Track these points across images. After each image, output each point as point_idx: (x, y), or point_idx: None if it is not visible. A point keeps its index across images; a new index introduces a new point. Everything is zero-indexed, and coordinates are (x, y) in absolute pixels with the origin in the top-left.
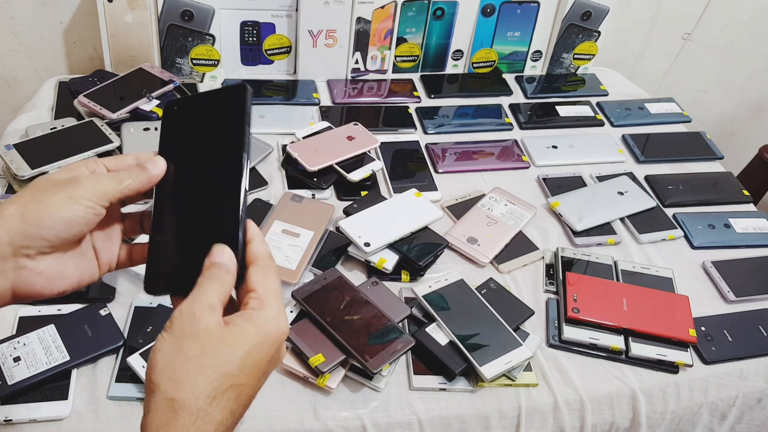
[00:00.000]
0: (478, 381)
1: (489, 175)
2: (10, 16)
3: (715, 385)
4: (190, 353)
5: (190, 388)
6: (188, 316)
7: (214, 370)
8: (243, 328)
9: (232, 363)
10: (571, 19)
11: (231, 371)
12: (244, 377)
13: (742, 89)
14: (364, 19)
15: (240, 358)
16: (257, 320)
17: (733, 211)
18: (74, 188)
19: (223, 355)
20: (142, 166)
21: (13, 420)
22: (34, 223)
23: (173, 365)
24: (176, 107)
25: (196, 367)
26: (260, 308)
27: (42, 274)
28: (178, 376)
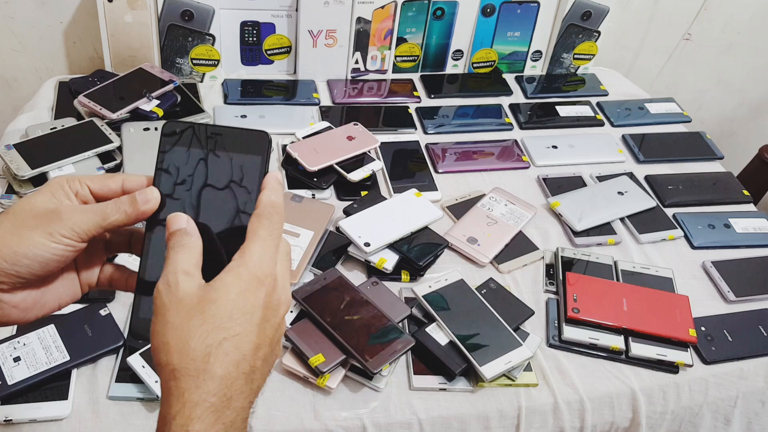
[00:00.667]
0: (478, 381)
1: (489, 175)
2: (10, 15)
3: (715, 385)
4: (176, 322)
5: (186, 352)
6: (164, 289)
7: (202, 329)
8: (222, 280)
9: (218, 316)
10: (571, 19)
11: (221, 325)
12: (237, 326)
13: (742, 89)
14: (364, 19)
15: (226, 310)
16: (237, 268)
17: (733, 211)
18: (54, 224)
19: (208, 312)
20: (132, 199)
21: (13, 420)
22: (9, 260)
23: (166, 339)
24: (177, 130)
25: (185, 332)
26: (240, 256)
27: (18, 306)
28: (172, 348)
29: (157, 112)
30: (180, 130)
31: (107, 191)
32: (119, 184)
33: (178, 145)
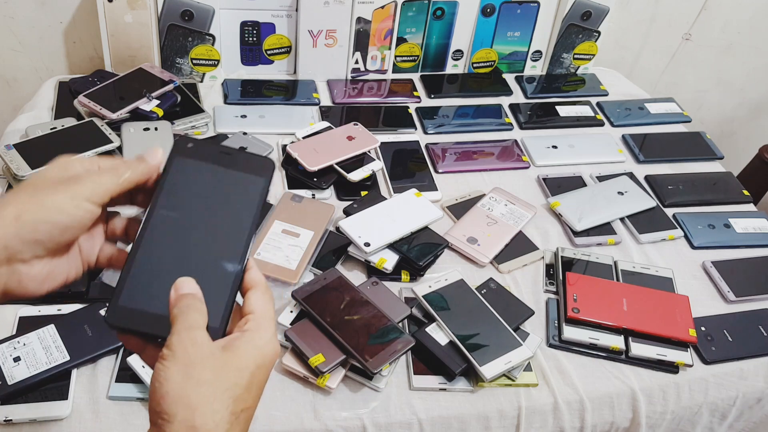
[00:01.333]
0: (478, 381)
1: (489, 175)
2: (10, 15)
3: (715, 385)
4: (202, 379)
5: (210, 414)
6: (190, 342)
7: (228, 394)
8: (246, 350)
9: (242, 386)
10: (571, 19)
11: (241, 395)
12: (251, 399)
13: (742, 89)
14: (364, 19)
15: (247, 381)
16: (257, 341)
17: (733, 211)
18: (75, 187)
19: (233, 378)
20: (140, 158)
21: (13, 420)
22: (29, 227)
23: (187, 393)
24: (190, 145)
25: (210, 392)
26: (258, 330)
27: (35, 278)
28: (194, 403)
29: (157, 112)
30: (190, 143)
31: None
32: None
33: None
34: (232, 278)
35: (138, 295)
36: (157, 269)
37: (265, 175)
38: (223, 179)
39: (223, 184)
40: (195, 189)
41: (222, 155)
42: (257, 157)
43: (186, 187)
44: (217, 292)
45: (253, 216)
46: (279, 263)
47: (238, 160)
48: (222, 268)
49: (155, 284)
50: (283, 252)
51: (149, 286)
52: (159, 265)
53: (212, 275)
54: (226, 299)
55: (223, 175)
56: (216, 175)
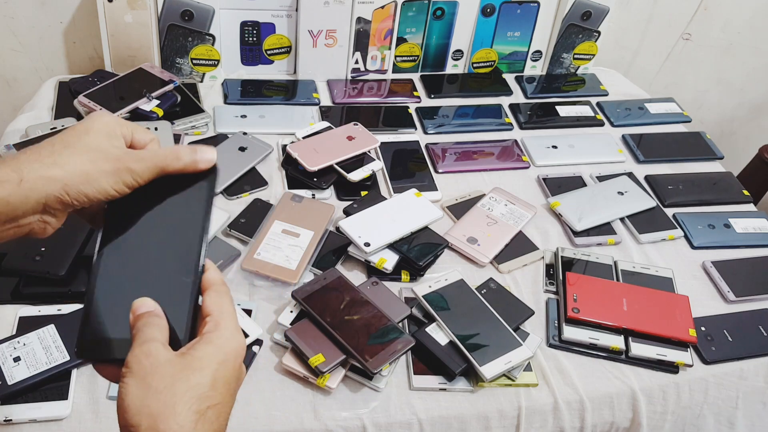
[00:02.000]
0: (478, 381)
1: (489, 175)
2: (10, 16)
3: (715, 385)
4: (160, 386)
5: (173, 417)
6: (144, 355)
7: (189, 395)
8: (204, 351)
9: (204, 385)
10: (571, 19)
11: (205, 393)
12: (218, 396)
13: (742, 89)
14: (364, 19)
15: (210, 379)
16: (216, 341)
17: (733, 211)
18: (121, 173)
19: (194, 379)
20: (192, 151)
21: (13, 420)
22: (73, 195)
23: (147, 403)
24: None
25: (170, 397)
26: (216, 330)
27: (55, 227)
28: (155, 411)
29: (157, 112)
30: None
31: (142, 143)
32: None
33: None
34: (189, 288)
35: (101, 324)
36: (115, 296)
37: (209, 178)
38: (165, 191)
39: (166, 197)
40: (140, 208)
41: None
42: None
43: (131, 208)
44: (177, 306)
45: (202, 222)
46: (279, 263)
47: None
48: (178, 280)
49: (116, 310)
50: (283, 252)
51: (111, 313)
52: (117, 292)
53: (169, 289)
54: (187, 310)
55: (166, 186)
56: (159, 188)
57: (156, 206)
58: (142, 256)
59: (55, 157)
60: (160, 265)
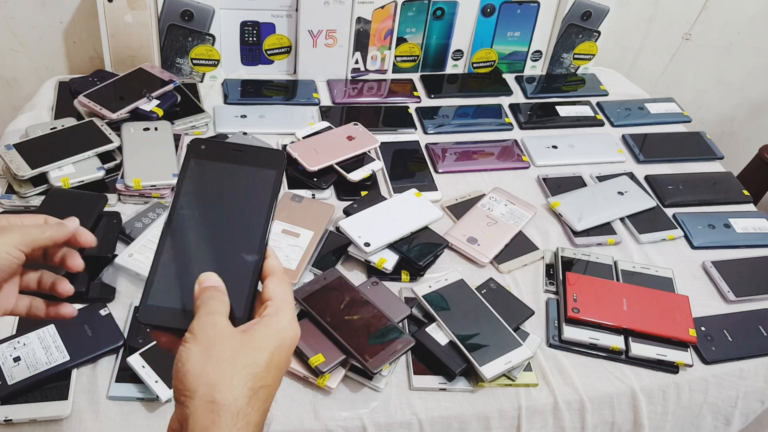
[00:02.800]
0: (478, 381)
1: (489, 175)
2: (10, 16)
3: (715, 385)
4: (221, 357)
5: (228, 389)
6: (210, 325)
7: (246, 371)
8: (264, 333)
9: (260, 365)
10: (571, 19)
11: (260, 372)
12: (270, 378)
13: (742, 89)
14: (364, 19)
15: (266, 360)
16: (276, 325)
17: (733, 211)
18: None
19: (252, 357)
20: (61, 223)
21: (13, 420)
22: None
23: (207, 370)
24: (204, 146)
25: (229, 369)
26: (276, 315)
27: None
28: (214, 380)
29: (157, 112)
30: (203, 145)
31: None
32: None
33: (201, 156)
34: (252, 269)
35: (165, 293)
36: (180, 267)
37: (277, 167)
38: (236, 175)
39: (237, 180)
40: (211, 187)
41: (234, 152)
42: (267, 150)
43: (202, 186)
44: (238, 284)
45: (268, 207)
46: None
47: (249, 155)
48: (241, 260)
49: (180, 282)
50: (283, 252)
51: (174, 284)
52: (182, 264)
53: (233, 268)
54: (247, 290)
55: (237, 171)
56: (230, 172)
57: (226, 187)
58: (209, 233)
59: None
60: (226, 243)
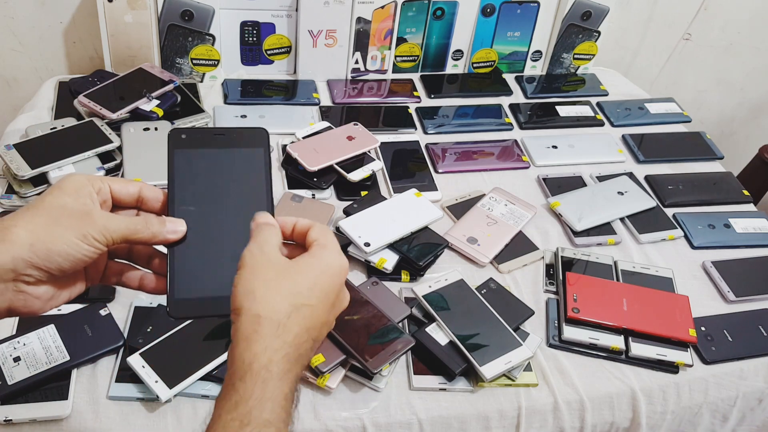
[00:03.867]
0: (478, 381)
1: (489, 175)
2: (11, 16)
3: (715, 385)
4: (267, 277)
5: (271, 305)
6: (258, 252)
7: (288, 290)
8: (308, 261)
9: (303, 286)
10: (571, 19)
11: (302, 292)
12: (314, 299)
13: (742, 89)
14: (364, 19)
15: (309, 283)
16: (320, 255)
17: (733, 211)
18: (87, 226)
19: (295, 278)
20: (161, 222)
21: (13, 420)
22: (42, 256)
23: (253, 288)
24: (184, 135)
25: (273, 288)
26: (323, 250)
27: (40, 298)
28: (259, 297)
29: (157, 112)
30: (183, 134)
31: (126, 194)
32: (137, 189)
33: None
34: None
35: (189, 285)
36: (198, 257)
37: (262, 144)
38: (225, 159)
39: (227, 164)
40: (203, 175)
41: (216, 137)
42: (248, 129)
43: (194, 175)
44: None
45: (265, 185)
46: None
47: (232, 137)
48: None
49: (201, 271)
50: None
51: (196, 274)
52: (198, 253)
53: None
54: None
55: (224, 155)
56: (218, 157)
57: (218, 173)
58: (216, 219)
59: (17, 219)
60: (236, 226)
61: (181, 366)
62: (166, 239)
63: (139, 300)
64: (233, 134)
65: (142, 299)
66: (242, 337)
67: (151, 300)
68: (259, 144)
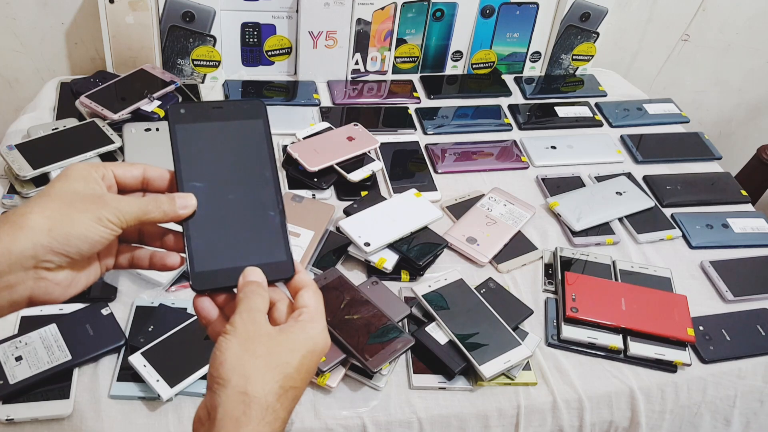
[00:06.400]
0: (478, 380)
1: (488, 175)
2: (12, 17)
3: (713, 384)
4: (257, 353)
5: (261, 384)
6: (250, 321)
7: (278, 370)
8: (298, 336)
9: (292, 365)
10: (570, 20)
11: (291, 373)
12: (299, 380)
13: (740, 90)
14: (364, 20)
15: (298, 362)
16: (310, 331)
17: (731, 211)
18: (102, 209)
19: (285, 357)
20: (171, 200)
21: (14, 419)
22: (61, 240)
23: (242, 362)
24: (183, 110)
25: (263, 365)
26: (312, 322)
27: (60, 284)
28: (248, 373)
29: (159, 112)
30: (182, 109)
31: (130, 177)
32: (141, 171)
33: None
34: (278, 217)
35: (208, 258)
36: (212, 230)
37: (261, 115)
38: (226, 132)
39: (229, 136)
40: (207, 148)
41: (215, 110)
42: (246, 101)
43: (199, 149)
44: (271, 232)
45: (269, 157)
46: None
47: (230, 110)
48: (265, 211)
49: (217, 243)
50: None
51: (213, 246)
52: (212, 226)
53: (260, 220)
54: (282, 235)
55: (225, 128)
56: (218, 130)
57: (221, 146)
58: (225, 192)
59: (31, 206)
60: (245, 197)
61: (182, 365)
62: (178, 215)
63: (141, 299)
64: (231, 107)
65: (144, 299)
66: (230, 417)
67: (153, 299)
68: (258, 116)
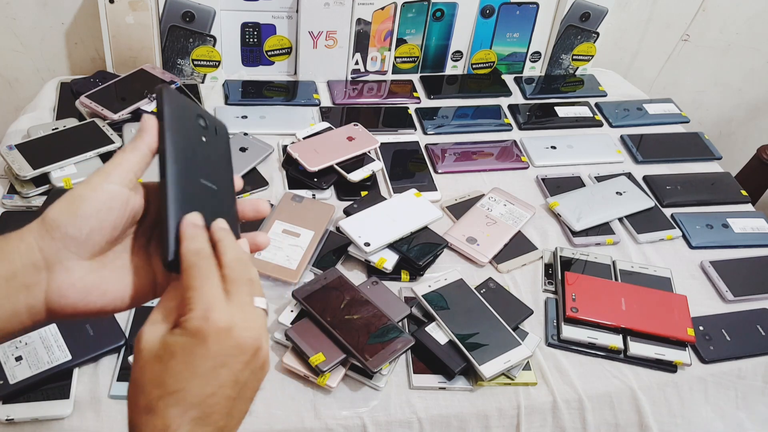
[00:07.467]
0: (478, 380)
1: (488, 175)
2: (12, 17)
3: (713, 384)
4: (198, 371)
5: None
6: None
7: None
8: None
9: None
10: (570, 20)
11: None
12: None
13: (740, 90)
14: (364, 20)
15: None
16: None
17: (731, 211)
18: (96, 177)
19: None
20: (139, 131)
21: (14, 419)
22: (52, 224)
23: (182, 386)
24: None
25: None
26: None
27: (75, 285)
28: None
29: None
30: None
31: None
32: None
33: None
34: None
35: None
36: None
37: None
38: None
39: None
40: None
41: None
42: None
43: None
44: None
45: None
46: (279, 263)
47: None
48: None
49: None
50: (284, 252)
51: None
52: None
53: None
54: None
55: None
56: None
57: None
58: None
59: None
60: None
61: None
62: (151, 137)
63: None
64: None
65: None
66: None
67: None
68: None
